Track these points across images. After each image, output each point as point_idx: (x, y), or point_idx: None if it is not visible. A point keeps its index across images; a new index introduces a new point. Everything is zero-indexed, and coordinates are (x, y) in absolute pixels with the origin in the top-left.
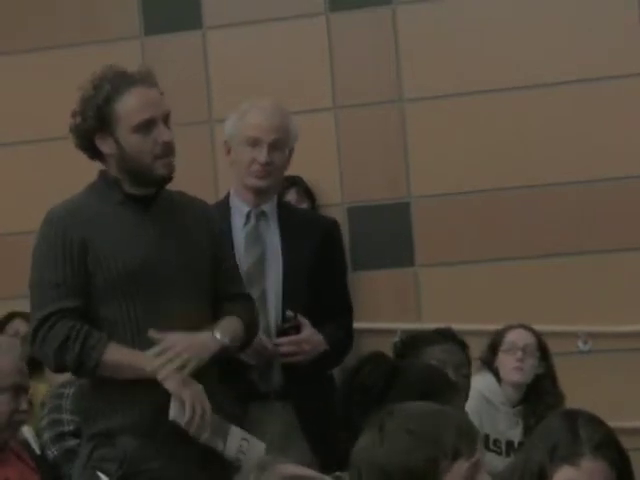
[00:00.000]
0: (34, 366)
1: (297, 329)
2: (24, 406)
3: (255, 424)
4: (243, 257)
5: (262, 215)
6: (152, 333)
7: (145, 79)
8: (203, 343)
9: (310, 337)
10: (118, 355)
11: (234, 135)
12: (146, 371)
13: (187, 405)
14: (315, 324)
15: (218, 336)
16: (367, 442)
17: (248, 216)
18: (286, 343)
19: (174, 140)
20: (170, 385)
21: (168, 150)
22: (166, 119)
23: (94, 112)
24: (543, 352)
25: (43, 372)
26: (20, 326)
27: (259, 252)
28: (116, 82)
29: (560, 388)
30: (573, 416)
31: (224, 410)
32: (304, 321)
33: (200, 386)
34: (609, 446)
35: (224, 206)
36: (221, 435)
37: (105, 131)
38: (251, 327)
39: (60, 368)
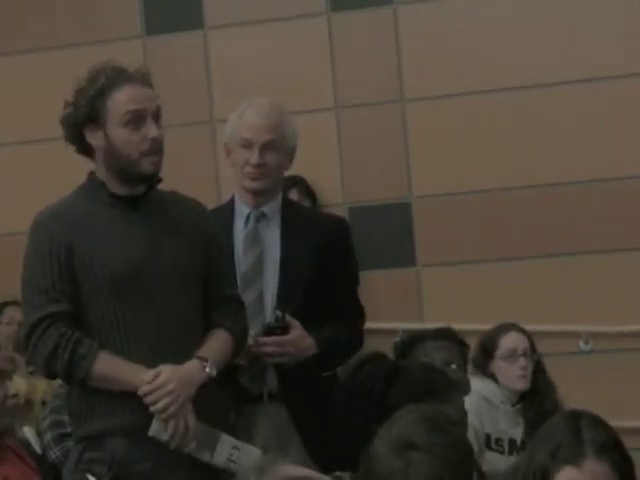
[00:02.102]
0: None
1: (285, 330)
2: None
3: (248, 427)
4: (242, 259)
5: (262, 217)
6: (144, 375)
7: (141, 78)
8: (192, 377)
9: (296, 340)
10: (108, 368)
11: (232, 136)
12: (135, 387)
13: (170, 425)
14: (312, 326)
15: (207, 369)
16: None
17: (248, 218)
18: (269, 343)
19: (164, 138)
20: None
21: (155, 147)
22: (157, 117)
23: (86, 102)
24: (533, 348)
25: None
26: (15, 313)
27: (257, 254)
28: (112, 77)
29: (549, 377)
30: (576, 417)
31: (217, 417)
32: (294, 323)
33: (187, 403)
34: (612, 448)
35: (229, 208)
36: (209, 445)
37: (95, 123)
38: (241, 338)
39: (51, 376)
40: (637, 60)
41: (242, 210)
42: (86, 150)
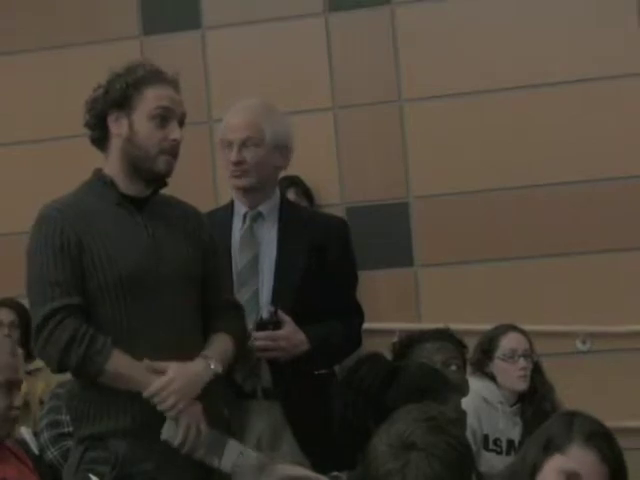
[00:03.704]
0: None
1: (277, 325)
2: (18, 402)
3: (242, 423)
4: (238, 258)
5: (259, 216)
6: (149, 364)
7: (174, 84)
8: (198, 376)
9: (289, 335)
10: (121, 366)
11: (220, 139)
12: (145, 388)
13: (181, 429)
14: (307, 324)
15: (212, 366)
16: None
17: (244, 217)
18: (262, 337)
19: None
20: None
21: (174, 149)
22: (181, 122)
23: (120, 86)
24: (531, 349)
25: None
26: (4, 316)
27: (252, 253)
28: (150, 73)
29: (547, 378)
30: (570, 415)
31: (211, 414)
32: (286, 318)
33: (199, 406)
34: (600, 437)
35: (228, 209)
36: (217, 451)
37: (123, 109)
38: (241, 341)
39: (63, 369)
40: (637, 60)
41: (240, 210)
42: (101, 139)
